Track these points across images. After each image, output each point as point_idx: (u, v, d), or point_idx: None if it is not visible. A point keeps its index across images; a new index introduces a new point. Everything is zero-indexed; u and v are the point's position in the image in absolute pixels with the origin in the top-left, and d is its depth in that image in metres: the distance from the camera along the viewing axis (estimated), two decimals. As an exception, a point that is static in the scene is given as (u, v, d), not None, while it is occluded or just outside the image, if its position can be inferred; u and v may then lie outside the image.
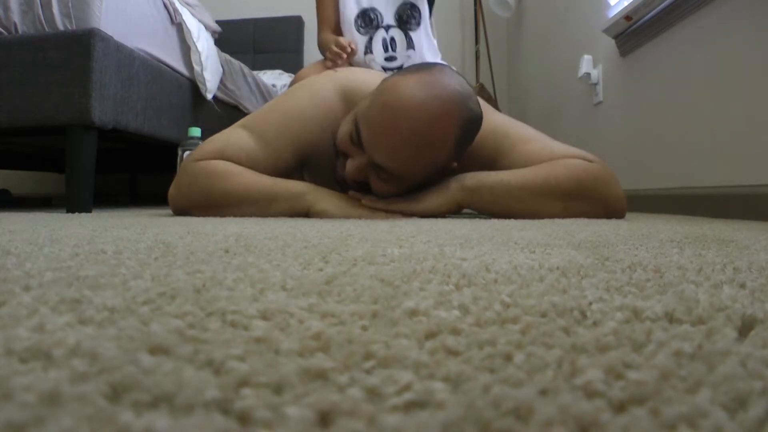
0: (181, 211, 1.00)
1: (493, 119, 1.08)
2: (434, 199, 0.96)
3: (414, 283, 0.30)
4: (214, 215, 0.95)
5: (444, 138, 0.89)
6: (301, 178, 1.10)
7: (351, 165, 0.93)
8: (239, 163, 0.97)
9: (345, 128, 0.96)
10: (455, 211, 1.00)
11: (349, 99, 1.05)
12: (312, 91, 1.06)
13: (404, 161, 0.89)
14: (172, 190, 1.00)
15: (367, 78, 1.09)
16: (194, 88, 1.73)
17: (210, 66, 1.74)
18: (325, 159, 1.06)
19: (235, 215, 0.95)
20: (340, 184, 1.01)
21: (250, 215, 0.95)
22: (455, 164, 0.98)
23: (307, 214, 0.96)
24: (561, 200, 0.94)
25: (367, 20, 1.68)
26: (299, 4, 3.40)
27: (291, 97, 1.07)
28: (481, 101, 1.15)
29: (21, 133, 1.49)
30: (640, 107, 1.80)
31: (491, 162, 1.04)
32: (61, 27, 1.27)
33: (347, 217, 0.94)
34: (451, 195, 0.96)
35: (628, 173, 1.84)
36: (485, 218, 1.00)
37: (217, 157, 0.97)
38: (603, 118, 2.12)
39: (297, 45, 3.35)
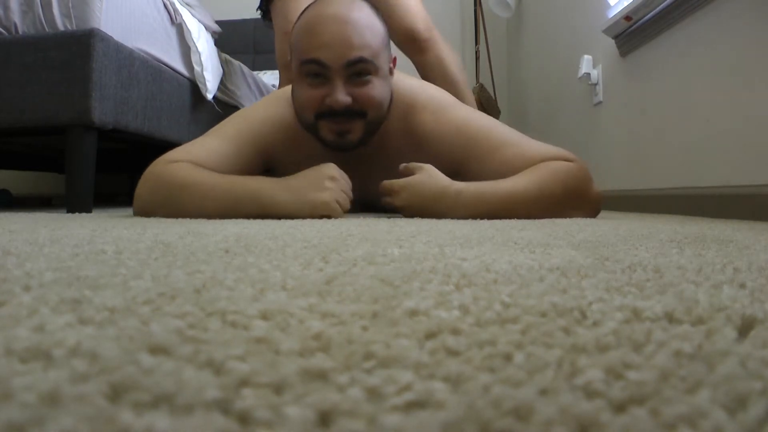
0: (143, 212, 0.98)
1: (452, 116, 1.06)
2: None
3: (414, 283, 0.30)
4: (177, 215, 0.92)
5: (368, 15, 0.99)
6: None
7: (334, 95, 0.95)
8: (205, 164, 0.97)
9: (301, 88, 0.99)
10: None
11: None
12: (264, 101, 1.15)
13: (363, 39, 0.96)
14: (136, 191, 0.99)
15: None
16: (194, 88, 1.73)
17: (210, 66, 1.74)
18: (290, 156, 1.08)
19: (193, 216, 0.90)
20: (332, 153, 1.03)
21: (210, 216, 0.89)
22: (395, 56, 1.07)
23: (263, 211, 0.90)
24: (550, 208, 0.94)
25: None
26: (299, 4, 3.40)
27: (246, 109, 1.17)
28: (432, 89, 1.17)
29: (21, 133, 1.49)
30: (640, 107, 1.80)
31: (458, 165, 1.02)
32: (61, 27, 1.27)
33: (303, 207, 0.89)
34: (447, 217, 0.93)
35: (628, 173, 1.84)
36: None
37: (184, 159, 0.97)
38: (603, 118, 2.12)
39: (297, 45, 3.34)
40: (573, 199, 0.95)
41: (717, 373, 0.17)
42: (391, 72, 1.06)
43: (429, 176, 0.95)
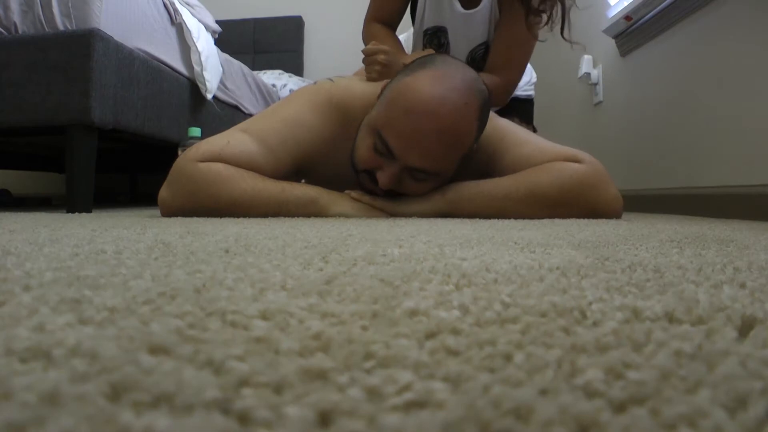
0: (175, 214, 0.95)
1: (492, 123, 1.08)
2: (417, 205, 0.98)
3: (414, 283, 0.30)
4: (215, 216, 0.93)
5: (469, 127, 0.92)
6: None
7: (384, 176, 0.92)
8: (238, 166, 0.94)
9: (364, 143, 0.95)
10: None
11: (343, 111, 1.05)
12: (311, 100, 1.06)
13: (440, 158, 0.91)
14: (165, 193, 0.95)
15: (365, 89, 1.08)
16: (194, 88, 1.73)
17: (210, 66, 1.74)
18: (325, 170, 1.06)
19: (239, 217, 0.93)
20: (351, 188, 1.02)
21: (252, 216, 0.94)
22: (476, 145, 1.01)
23: (319, 216, 0.96)
24: (545, 208, 0.95)
25: (435, 42, 1.42)
26: (299, 4, 3.40)
27: (290, 104, 1.06)
28: None
29: (21, 133, 1.49)
30: (640, 107, 1.80)
31: (487, 163, 1.04)
32: (61, 27, 1.27)
33: (365, 216, 0.95)
34: (432, 204, 0.98)
35: (628, 173, 1.84)
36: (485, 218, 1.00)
37: (215, 158, 0.93)
38: (603, 118, 2.12)
39: (297, 45, 3.35)
40: (572, 203, 0.95)
41: (717, 373, 0.17)
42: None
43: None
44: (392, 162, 0.92)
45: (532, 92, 1.63)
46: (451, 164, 0.94)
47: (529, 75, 1.60)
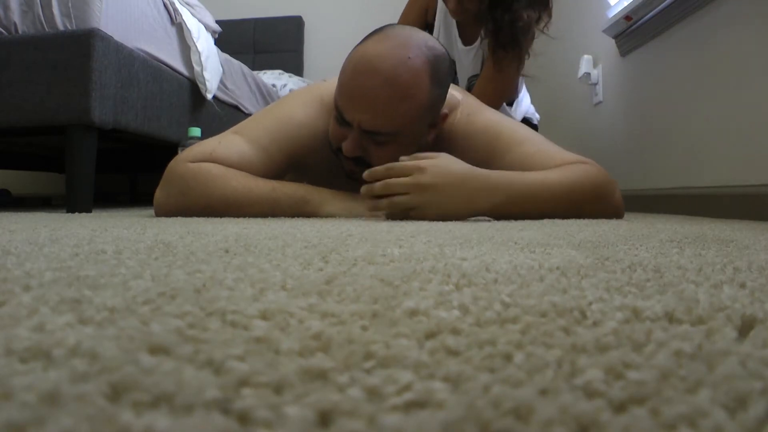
0: (169, 215, 0.95)
1: (484, 117, 1.06)
2: (460, 209, 0.86)
3: (414, 283, 0.30)
4: (208, 216, 0.93)
5: (416, 79, 0.90)
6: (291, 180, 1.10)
7: (346, 144, 0.93)
8: (231, 166, 0.94)
9: (332, 119, 0.97)
10: None
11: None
12: (303, 99, 1.08)
13: (389, 114, 0.90)
14: (159, 194, 0.96)
15: None
16: (194, 88, 1.73)
17: (210, 66, 1.74)
18: (318, 164, 1.06)
19: (232, 217, 0.93)
20: (345, 184, 1.02)
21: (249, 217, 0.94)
22: (446, 112, 1.00)
23: (310, 216, 0.95)
24: (579, 206, 0.93)
25: None
26: (299, 4, 3.40)
27: (282, 105, 1.09)
28: (471, 98, 1.14)
29: (21, 133, 1.49)
30: (640, 107, 1.80)
31: (484, 162, 1.00)
32: (61, 27, 1.27)
33: (355, 216, 0.95)
34: (476, 207, 0.87)
35: (628, 173, 1.84)
36: (485, 218, 1.00)
37: (206, 159, 0.94)
38: (603, 118, 2.12)
39: (297, 45, 3.35)
40: (600, 201, 0.95)
41: (717, 373, 0.17)
42: (435, 126, 0.99)
43: (452, 160, 0.86)
44: (351, 129, 0.93)
45: (535, 121, 1.74)
46: (407, 121, 0.91)
47: (531, 112, 1.75)
